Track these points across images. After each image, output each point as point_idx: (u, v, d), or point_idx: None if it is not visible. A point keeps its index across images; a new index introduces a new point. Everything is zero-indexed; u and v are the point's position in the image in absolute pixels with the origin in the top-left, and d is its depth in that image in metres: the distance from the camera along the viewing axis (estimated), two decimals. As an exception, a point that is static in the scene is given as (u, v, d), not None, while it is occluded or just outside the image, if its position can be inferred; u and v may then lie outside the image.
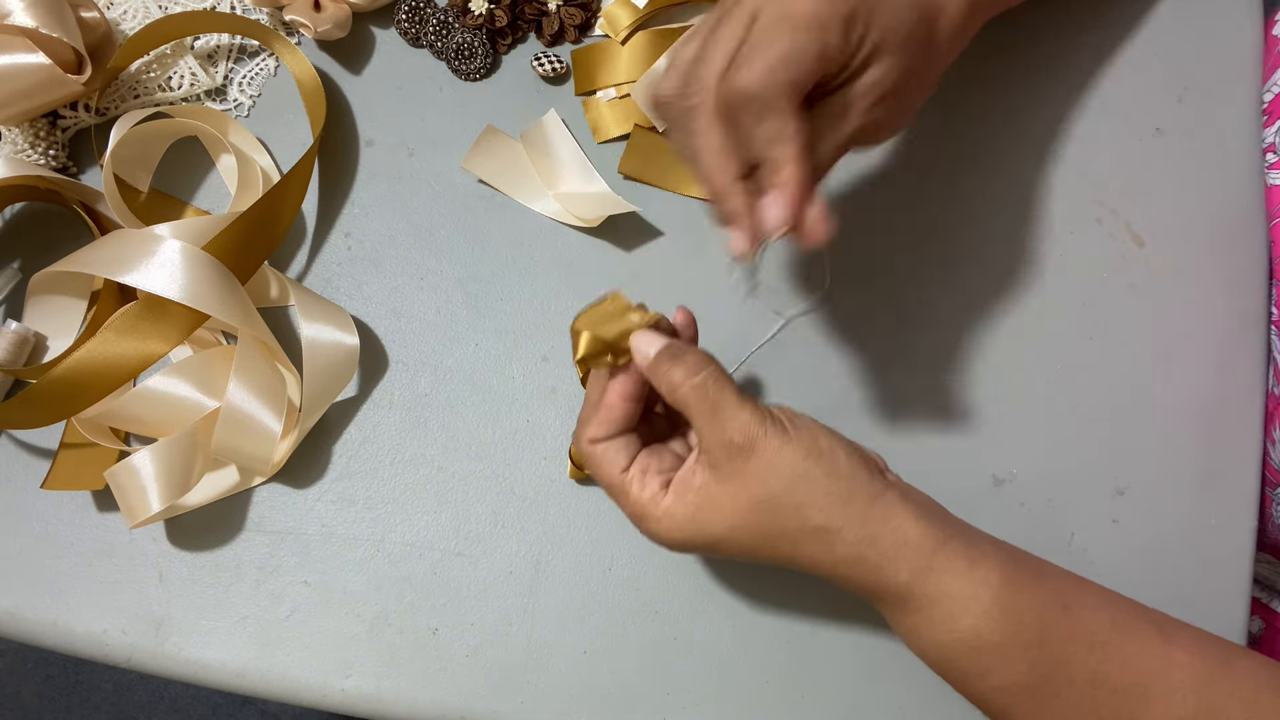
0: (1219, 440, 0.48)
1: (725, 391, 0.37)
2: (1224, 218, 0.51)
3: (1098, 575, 0.47)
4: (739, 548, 0.37)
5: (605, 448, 0.39)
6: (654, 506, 0.37)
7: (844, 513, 0.36)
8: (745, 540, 0.37)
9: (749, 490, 0.36)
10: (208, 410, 0.44)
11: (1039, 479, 0.48)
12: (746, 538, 0.37)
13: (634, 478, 0.38)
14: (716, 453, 0.37)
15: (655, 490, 0.38)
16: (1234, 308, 0.50)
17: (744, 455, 0.36)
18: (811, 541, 0.36)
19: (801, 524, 0.36)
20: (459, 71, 0.51)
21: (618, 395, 0.39)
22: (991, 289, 0.50)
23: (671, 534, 0.37)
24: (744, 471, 0.36)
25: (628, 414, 0.39)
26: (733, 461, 0.36)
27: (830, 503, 0.36)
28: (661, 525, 0.37)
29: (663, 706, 0.45)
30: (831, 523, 0.36)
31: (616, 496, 0.39)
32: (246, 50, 0.52)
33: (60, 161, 0.49)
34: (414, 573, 0.46)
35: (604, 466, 0.39)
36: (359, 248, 0.49)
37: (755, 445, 0.36)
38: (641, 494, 0.38)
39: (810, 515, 0.36)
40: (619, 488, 0.38)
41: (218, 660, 0.45)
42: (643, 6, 0.51)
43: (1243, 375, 0.49)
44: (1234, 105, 0.52)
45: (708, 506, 0.37)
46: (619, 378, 0.39)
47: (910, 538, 0.36)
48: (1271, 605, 0.58)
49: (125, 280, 0.41)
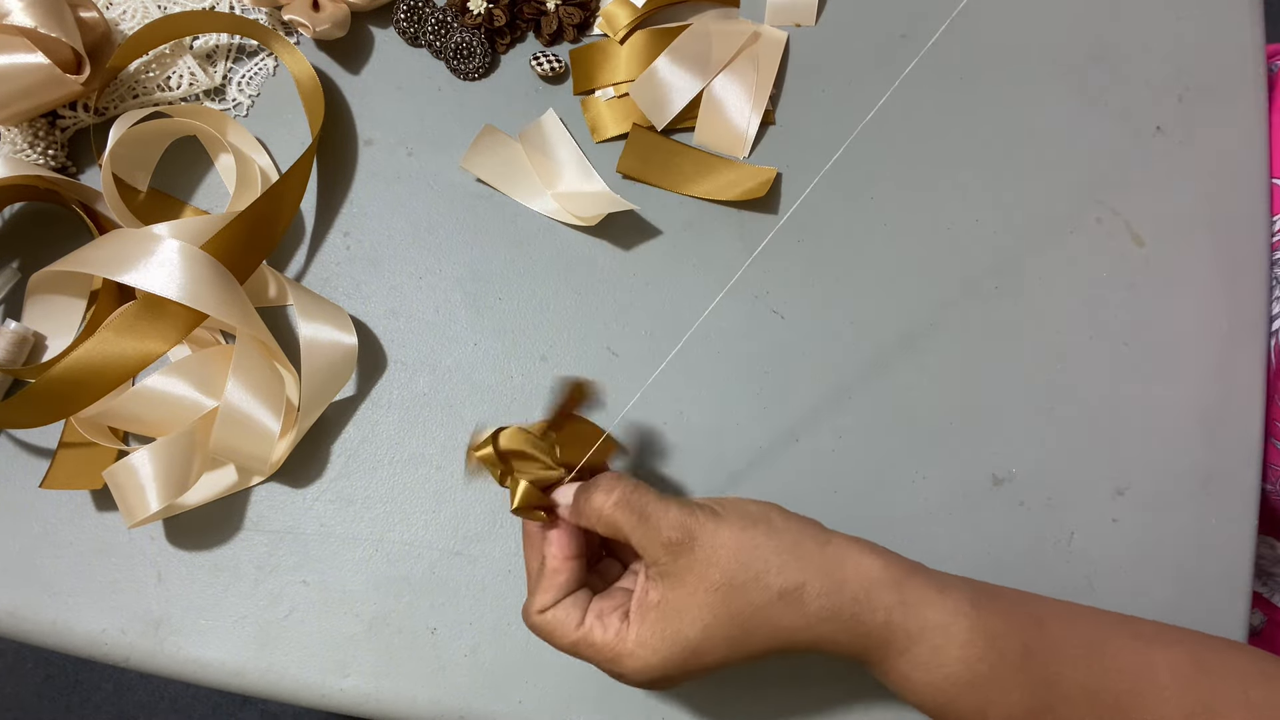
0: (1219, 440, 0.48)
1: (646, 497, 0.36)
2: (1224, 218, 0.51)
3: (1098, 575, 0.47)
4: (722, 647, 0.36)
5: (555, 613, 0.37)
6: (621, 643, 0.36)
7: (799, 566, 0.35)
8: (723, 633, 0.35)
9: (705, 580, 0.35)
10: (206, 410, 0.44)
11: (1039, 479, 0.48)
12: (723, 630, 0.35)
13: (592, 627, 0.37)
14: (661, 558, 0.36)
15: (618, 627, 0.36)
16: (1234, 308, 0.50)
17: (686, 549, 0.35)
18: (783, 609, 0.35)
19: (766, 594, 0.35)
20: (458, 71, 0.51)
21: (560, 559, 0.38)
22: (991, 288, 0.50)
23: (650, 662, 0.36)
24: (693, 564, 0.35)
25: (574, 573, 0.38)
26: (678, 560, 0.35)
27: (784, 560, 0.35)
28: (637, 658, 0.36)
29: (662, 706, 0.45)
30: (792, 580, 0.35)
31: (581, 652, 0.37)
32: (245, 50, 0.52)
33: (59, 161, 0.49)
34: (412, 572, 0.46)
35: (558, 631, 0.37)
36: (357, 247, 0.49)
37: (693, 535, 0.36)
38: (606, 636, 0.36)
39: (770, 580, 0.35)
40: (582, 642, 0.37)
41: (216, 660, 0.45)
42: (641, 6, 0.51)
43: (1243, 375, 0.49)
44: (1234, 104, 0.52)
45: (674, 616, 0.35)
46: (556, 539, 0.38)
47: (874, 574, 0.36)
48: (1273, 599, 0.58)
49: (124, 280, 0.41)
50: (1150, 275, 0.50)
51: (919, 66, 0.52)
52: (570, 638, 0.37)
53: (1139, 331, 0.49)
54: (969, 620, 0.35)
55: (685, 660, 0.36)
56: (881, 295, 0.49)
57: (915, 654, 0.36)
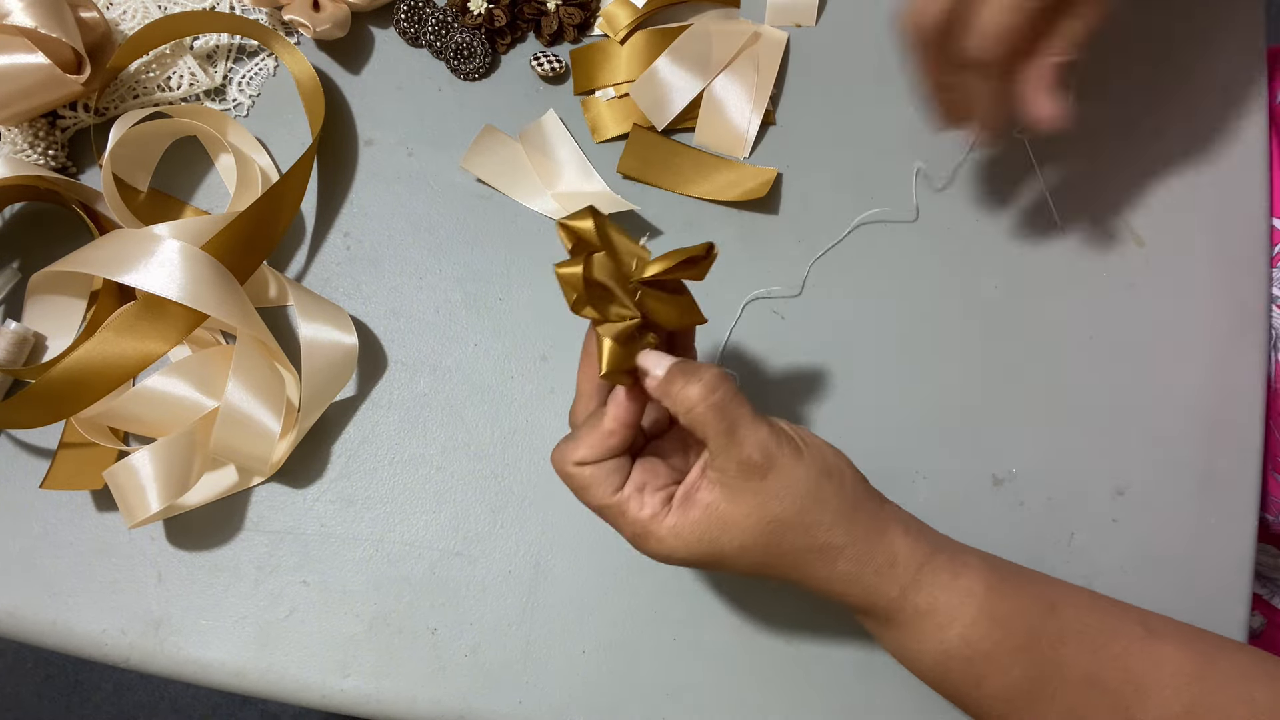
0: (1219, 440, 0.48)
1: (742, 409, 0.36)
2: (1224, 217, 0.51)
3: (1098, 575, 0.47)
4: (744, 565, 0.37)
5: (595, 471, 0.36)
6: (656, 525, 0.36)
7: (849, 531, 0.36)
8: (753, 558, 0.36)
9: (764, 509, 0.35)
10: (207, 410, 0.44)
11: (1039, 478, 0.48)
12: (755, 556, 0.36)
13: (630, 497, 0.36)
14: (731, 471, 0.35)
15: (656, 508, 0.36)
16: (1234, 307, 0.50)
17: (760, 474, 0.35)
18: (815, 559, 0.36)
19: (809, 543, 0.36)
20: (458, 71, 0.51)
21: (618, 422, 0.36)
22: (991, 288, 0.50)
23: (676, 552, 0.36)
24: (760, 490, 0.35)
25: (625, 441, 0.37)
26: (749, 480, 0.35)
27: (838, 521, 0.36)
28: (665, 544, 0.36)
29: (662, 706, 0.45)
30: (837, 541, 0.36)
31: (612, 518, 0.37)
32: (245, 50, 0.52)
33: (59, 161, 0.49)
34: (413, 572, 0.46)
35: (592, 489, 0.36)
36: (358, 247, 0.49)
37: (774, 463, 0.35)
38: (641, 513, 0.36)
39: (818, 534, 0.36)
40: (615, 509, 0.36)
41: (217, 660, 0.45)
42: (642, 6, 0.51)
43: (1243, 375, 0.49)
44: (1235, 104, 0.52)
45: (718, 525, 0.36)
46: (623, 402, 0.36)
47: (900, 555, 0.36)
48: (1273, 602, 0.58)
49: (124, 280, 0.41)
50: (1150, 275, 0.50)
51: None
52: (603, 501, 0.36)
53: (1139, 331, 0.49)
54: (978, 603, 0.36)
55: (709, 561, 0.36)
56: (881, 295, 0.49)
57: (918, 627, 0.37)
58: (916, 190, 0.50)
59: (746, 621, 0.46)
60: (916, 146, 0.51)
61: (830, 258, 0.50)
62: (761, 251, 0.49)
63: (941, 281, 0.50)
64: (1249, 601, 0.47)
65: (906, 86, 0.52)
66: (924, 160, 0.51)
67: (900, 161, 0.51)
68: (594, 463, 0.36)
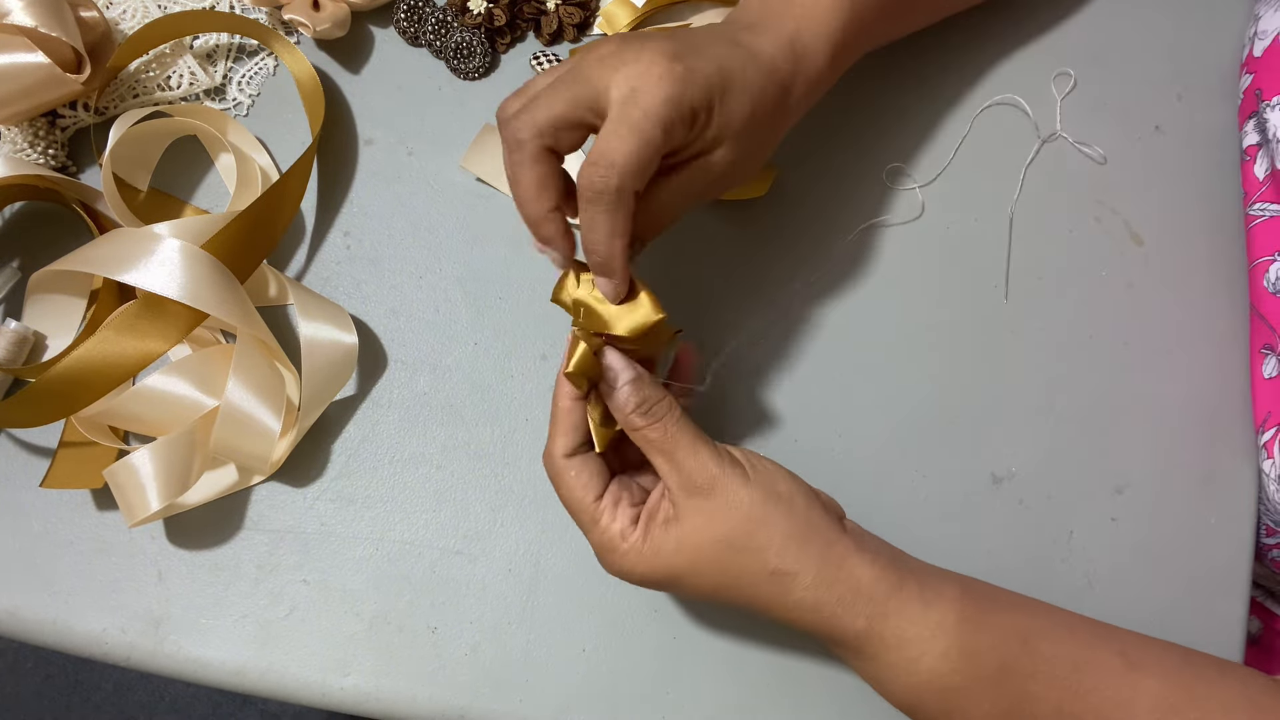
0: (1219, 439, 0.48)
1: (684, 433, 0.37)
2: (1223, 217, 0.51)
3: (1097, 574, 0.47)
4: (703, 585, 0.37)
5: (579, 471, 0.38)
6: (622, 541, 0.37)
7: (800, 556, 0.36)
8: (708, 578, 0.37)
9: (711, 528, 0.36)
10: (207, 409, 0.44)
11: (1038, 477, 0.48)
12: (709, 576, 0.37)
13: (605, 509, 0.38)
14: (677, 491, 0.37)
15: (625, 524, 0.38)
16: (1233, 306, 0.50)
17: (704, 494, 0.37)
18: (769, 586, 0.36)
19: (760, 566, 0.36)
20: (458, 70, 0.51)
21: (569, 399, 0.38)
22: (991, 287, 0.50)
23: (636, 568, 0.37)
24: (704, 510, 0.37)
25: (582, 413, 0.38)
26: (693, 499, 0.37)
27: (787, 545, 0.36)
28: (627, 560, 0.37)
29: (662, 706, 0.45)
30: (788, 566, 0.36)
31: (584, 524, 0.38)
32: (245, 49, 0.52)
33: (59, 161, 0.49)
34: (413, 571, 0.46)
35: (575, 490, 0.38)
36: (358, 247, 0.49)
37: (715, 486, 0.37)
38: (611, 526, 0.37)
39: (768, 558, 0.36)
40: (589, 516, 0.38)
41: (217, 659, 0.45)
42: (641, 6, 0.51)
43: (1242, 374, 0.49)
44: (1234, 103, 0.52)
45: (672, 543, 0.37)
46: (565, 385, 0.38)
47: (863, 584, 0.36)
48: (1269, 606, 0.58)
49: (124, 279, 0.41)
50: (1150, 275, 0.50)
51: (915, 65, 0.52)
52: (580, 503, 0.38)
53: (1139, 331, 0.49)
54: (948, 638, 0.36)
55: (666, 582, 0.38)
56: (881, 295, 0.49)
57: (887, 660, 0.37)
58: (917, 190, 0.50)
59: (746, 621, 0.46)
60: (916, 145, 0.51)
61: (830, 257, 0.50)
62: (760, 251, 0.49)
63: (941, 281, 0.50)
64: (1248, 599, 0.47)
65: (906, 83, 0.52)
66: (918, 159, 0.51)
67: (900, 160, 0.51)
68: (575, 452, 0.38)
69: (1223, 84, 0.52)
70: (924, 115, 0.52)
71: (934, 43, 0.51)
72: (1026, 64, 0.52)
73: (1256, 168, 0.48)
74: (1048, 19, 0.53)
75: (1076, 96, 0.52)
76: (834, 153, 0.51)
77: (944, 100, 0.52)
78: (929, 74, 0.52)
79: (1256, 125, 0.48)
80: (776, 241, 0.50)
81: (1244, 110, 0.50)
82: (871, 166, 0.51)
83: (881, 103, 0.51)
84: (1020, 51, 0.53)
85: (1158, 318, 0.50)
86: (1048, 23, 0.53)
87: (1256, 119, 0.48)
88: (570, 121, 0.36)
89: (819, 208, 0.50)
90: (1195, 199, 0.51)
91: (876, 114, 0.51)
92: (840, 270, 0.49)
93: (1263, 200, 0.47)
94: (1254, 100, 0.48)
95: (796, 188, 0.50)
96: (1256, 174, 0.48)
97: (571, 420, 0.38)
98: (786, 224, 0.50)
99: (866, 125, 0.51)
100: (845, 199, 0.50)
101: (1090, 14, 0.53)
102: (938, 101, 0.52)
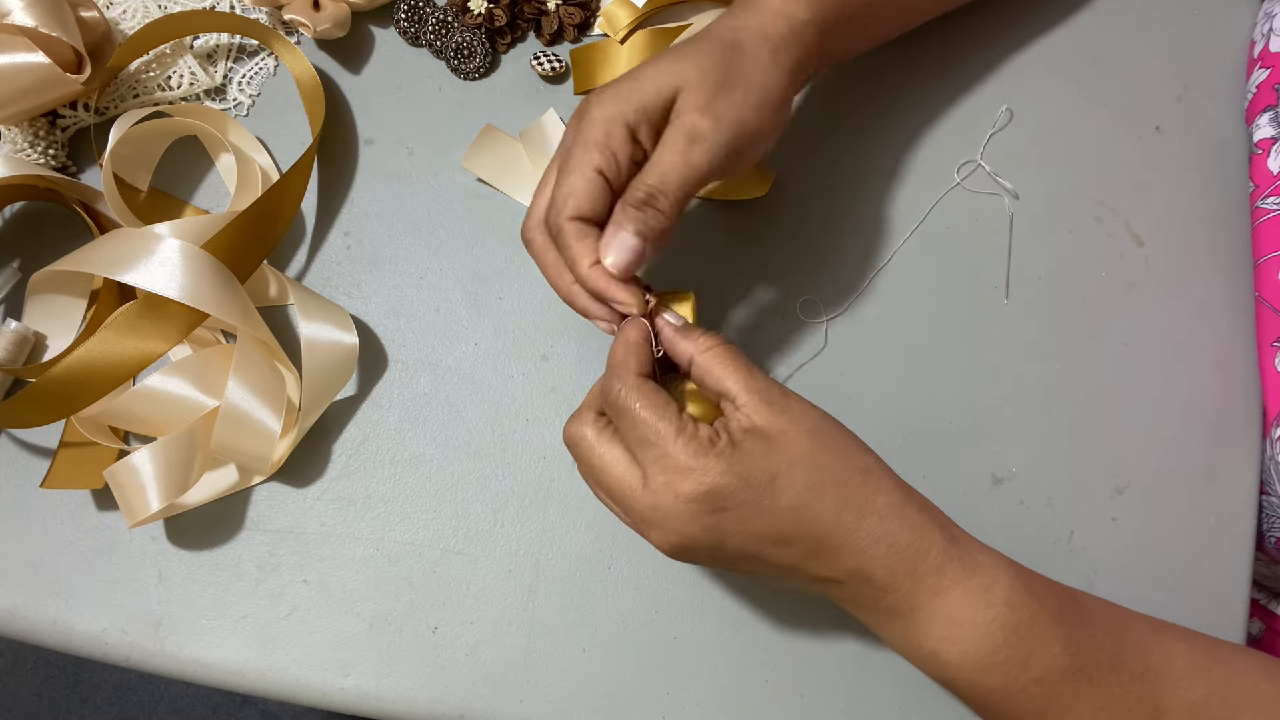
0: (1219, 440, 0.48)
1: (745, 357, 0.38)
2: (1224, 217, 0.51)
3: (1098, 574, 0.47)
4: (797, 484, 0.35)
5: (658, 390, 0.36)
6: (711, 445, 0.35)
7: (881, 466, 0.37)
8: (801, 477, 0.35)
9: (805, 418, 0.36)
10: (207, 409, 0.44)
11: (1038, 478, 0.48)
12: (802, 474, 0.35)
13: (689, 421, 0.35)
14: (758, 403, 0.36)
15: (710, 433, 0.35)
16: (1234, 306, 0.50)
17: (781, 404, 0.36)
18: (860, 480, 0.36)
19: (848, 463, 0.36)
20: (458, 70, 0.51)
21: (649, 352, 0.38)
22: (991, 287, 0.50)
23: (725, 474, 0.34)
24: (789, 411, 0.36)
25: None
26: (772, 408, 0.36)
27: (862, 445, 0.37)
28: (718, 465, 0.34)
29: (663, 706, 0.45)
30: (872, 464, 0.37)
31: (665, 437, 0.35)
32: (246, 49, 0.52)
33: (60, 161, 0.49)
34: (413, 572, 0.46)
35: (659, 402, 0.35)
36: (358, 247, 0.50)
37: (788, 396, 0.37)
38: (700, 433, 0.35)
39: (854, 456, 0.37)
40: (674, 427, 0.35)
41: (217, 659, 0.45)
42: (642, 6, 0.51)
43: (1242, 374, 0.49)
44: (1234, 103, 0.52)
45: (761, 444, 0.35)
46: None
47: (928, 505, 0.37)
48: (1271, 608, 0.58)
49: (125, 279, 0.41)
50: (1150, 275, 0.50)
51: (914, 63, 0.52)
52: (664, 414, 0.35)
53: (1138, 331, 0.49)
54: (1012, 569, 0.37)
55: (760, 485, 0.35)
56: (881, 295, 0.49)
57: (967, 589, 0.35)
58: (918, 189, 0.50)
59: (746, 621, 0.46)
60: (915, 145, 0.51)
61: (830, 257, 0.50)
62: (759, 252, 0.49)
63: (942, 282, 0.50)
64: (1248, 600, 0.47)
65: (905, 85, 0.52)
66: (918, 160, 0.51)
67: (900, 161, 0.51)
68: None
69: (1223, 84, 0.52)
70: (923, 115, 0.52)
71: (934, 42, 0.52)
72: (1027, 64, 0.52)
73: (1271, 161, 0.47)
74: (1048, 19, 0.53)
75: (1077, 96, 0.52)
76: (834, 153, 0.51)
77: (944, 100, 0.52)
78: (928, 74, 0.52)
79: (1273, 119, 0.47)
80: (776, 241, 0.50)
81: (1255, 105, 0.50)
82: (872, 167, 0.51)
83: (881, 103, 0.52)
84: (1021, 52, 0.53)
85: (1158, 318, 0.50)
86: (1048, 23, 0.53)
87: (1273, 113, 0.47)
88: None
89: (819, 208, 0.50)
90: (1195, 199, 0.51)
91: (876, 115, 0.51)
92: (839, 270, 0.49)
93: (1276, 194, 0.47)
94: (1270, 94, 0.48)
95: (796, 188, 0.50)
96: (1270, 168, 0.47)
97: (647, 352, 0.37)
98: (786, 224, 0.50)
99: (866, 126, 0.51)
100: (845, 199, 0.50)
101: (1090, 14, 0.53)
102: (938, 101, 0.52)
